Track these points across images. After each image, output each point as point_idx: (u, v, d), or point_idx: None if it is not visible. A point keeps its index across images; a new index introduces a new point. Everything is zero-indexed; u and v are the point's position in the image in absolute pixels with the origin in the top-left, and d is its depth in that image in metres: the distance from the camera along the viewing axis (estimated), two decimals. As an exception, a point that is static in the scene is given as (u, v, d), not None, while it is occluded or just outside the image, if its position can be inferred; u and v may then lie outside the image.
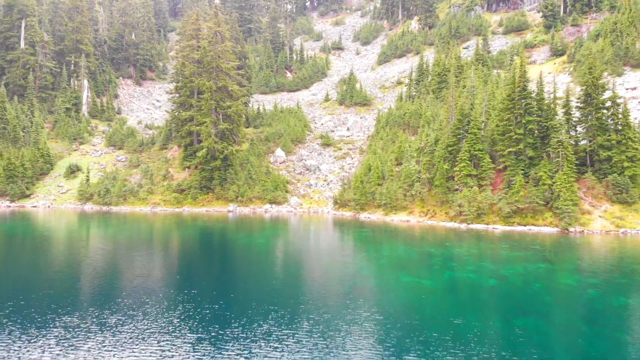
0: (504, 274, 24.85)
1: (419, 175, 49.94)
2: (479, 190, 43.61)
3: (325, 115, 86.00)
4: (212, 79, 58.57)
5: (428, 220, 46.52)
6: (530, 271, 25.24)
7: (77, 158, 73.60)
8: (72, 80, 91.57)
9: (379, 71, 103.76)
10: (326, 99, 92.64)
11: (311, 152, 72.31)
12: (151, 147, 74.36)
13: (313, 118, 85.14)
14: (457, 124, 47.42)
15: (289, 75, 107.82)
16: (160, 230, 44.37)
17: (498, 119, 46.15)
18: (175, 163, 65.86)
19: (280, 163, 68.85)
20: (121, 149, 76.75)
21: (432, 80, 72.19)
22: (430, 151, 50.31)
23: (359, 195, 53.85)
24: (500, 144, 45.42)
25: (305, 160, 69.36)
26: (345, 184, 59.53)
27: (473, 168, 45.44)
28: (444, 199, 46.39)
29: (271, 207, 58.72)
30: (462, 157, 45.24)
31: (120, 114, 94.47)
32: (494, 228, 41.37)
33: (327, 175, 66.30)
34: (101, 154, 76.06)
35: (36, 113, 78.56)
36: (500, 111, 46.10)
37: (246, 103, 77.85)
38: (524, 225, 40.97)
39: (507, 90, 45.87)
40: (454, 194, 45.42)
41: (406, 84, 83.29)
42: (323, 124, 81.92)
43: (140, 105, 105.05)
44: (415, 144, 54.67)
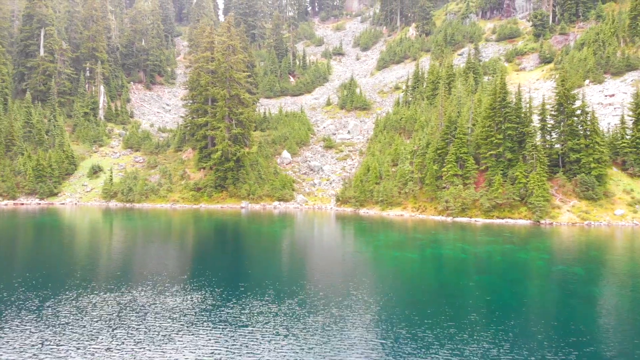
0: (475, 251, 31.11)
1: (412, 175, 56.10)
2: (464, 188, 49.78)
3: (327, 119, 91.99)
4: (226, 88, 64.88)
5: (419, 214, 52.74)
6: (496, 250, 31.43)
7: (98, 159, 79.71)
8: (89, 85, 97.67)
9: (378, 76, 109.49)
10: (328, 103, 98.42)
11: (315, 154, 78.44)
12: (166, 149, 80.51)
13: (316, 122, 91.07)
14: (446, 129, 53.55)
15: (292, 80, 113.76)
16: (185, 222, 50.47)
17: (481, 126, 52.23)
18: (190, 164, 72.09)
19: (286, 164, 75.00)
20: (138, 150, 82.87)
21: (427, 87, 78.22)
22: (422, 154, 56.44)
23: (359, 193, 60.05)
24: (483, 147, 51.52)
25: (310, 162, 75.52)
26: (346, 183, 65.69)
27: (459, 169, 51.58)
28: (434, 195, 52.58)
29: (279, 204, 64.98)
30: (449, 159, 51.41)
31: (132, 117, 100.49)
32: (476, 221, 47.53)
33: (330, 175, 72.43)
34: (119, 155, 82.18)
35: (59, 118, 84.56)
36: (484, 118, 52.18)
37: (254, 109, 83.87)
38: (502, 218, 47.14)
39: (489, 100, 51.96)
40: (442, 191, 51.58)
41: (403, 90, 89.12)
42: (325, 127, 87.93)
43: (151, 108, 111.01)
44: (409, 147, 60.81)
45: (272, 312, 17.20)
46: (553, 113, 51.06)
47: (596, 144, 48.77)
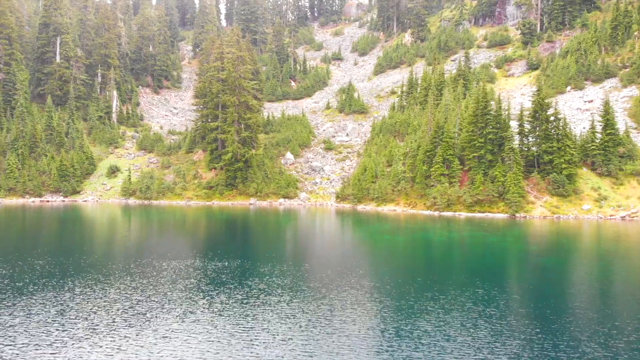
0: (452, 236, 37.58)
1: (404, 174, 62.49)
2: (450, 186, 56.14)
3: (327, 122, 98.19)
4: (236, 95, 71.27)
5: (410, 209, 59.12)
6: (470, 235, 37.87)
7: (114, 160, 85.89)
8: (102, 90, 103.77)
9: (375, 81, 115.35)
10: (327, 106, 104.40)
11: (316, 155, 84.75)
12: (178, 151, 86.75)
13: (316, 124, 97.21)
14: (434, 134, 59.88)
15: (293, 84, 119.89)
16: (202, 216, 56.75)
17: (465, 130, 58.54)
18: (202, 164, 78.39)
19: (290, 165, 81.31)
20: (151, 152, 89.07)
21: (420, 93, 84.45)
22: (413, 155, 62.78)
23: (357, 191, 66.44)
24: (467, 150, 57.84)
25: (311, 162, 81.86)
26: (345, 182, 72.13)
27: (445, 169, 57.94)
28: (423, 193, 58.97)
29: (284, 201, 71.33)
30: (437, 160, 57.77)
31: (142, 120, 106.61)
32: (459, 215, 53.88)
33: (330, 175, 78.80)
34: (134, 156, 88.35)
35: (77, 121, 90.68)
36: (468, 124, 58.48)
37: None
38: (483, 213, 53.53)
39: (473, 107, 58.27)
40: (430, 189, 57.91)
41: (398, 95, 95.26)
42: (325, 130, 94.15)
43: (159, 112, 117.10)
44: (402, 149, 67.18)
45: (286, 274, 23.38)
46: (529, 119, 57.36)
47: (567, 147, 55.05)
